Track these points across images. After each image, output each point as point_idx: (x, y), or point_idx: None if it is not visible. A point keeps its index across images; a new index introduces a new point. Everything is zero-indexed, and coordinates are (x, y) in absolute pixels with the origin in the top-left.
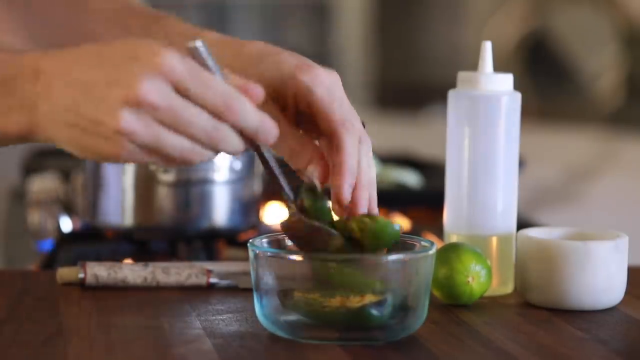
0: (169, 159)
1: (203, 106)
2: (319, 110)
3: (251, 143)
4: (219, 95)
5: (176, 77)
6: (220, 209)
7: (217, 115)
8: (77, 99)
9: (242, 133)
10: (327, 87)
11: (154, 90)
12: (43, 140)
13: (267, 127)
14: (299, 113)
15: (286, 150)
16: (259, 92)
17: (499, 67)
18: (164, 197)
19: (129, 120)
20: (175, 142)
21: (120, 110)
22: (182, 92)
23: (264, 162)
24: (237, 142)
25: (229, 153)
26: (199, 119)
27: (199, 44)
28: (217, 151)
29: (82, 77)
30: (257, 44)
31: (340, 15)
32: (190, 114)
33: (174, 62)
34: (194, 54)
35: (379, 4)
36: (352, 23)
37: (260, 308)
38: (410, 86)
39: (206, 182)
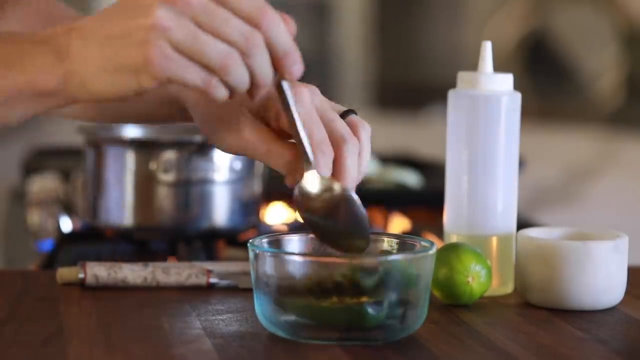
0: (208, 68)
1: (238, 13)
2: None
3: (275, 81)
4: (254, 4)
5: None
6: (220, 209)
7: (251, 23)
8: (110, 16)
9: (271, 53)
10: (308, 107)
11: None
12: (75, 93)
13: (296, 56)
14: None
15: (284, 165)
16: (294, 25)
17: (499, 67)
18: (164, 197)
19: (163, 16)
20: (212, 43)
21: (154, 9)
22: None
23: (286, 107)
24: (268, 62)
25: (257, 79)
26: (235, 21)
27: None
28: (249, 67)
29: (116, 5)
30: None
31: (340, 15)
32: (225, 15)
33: None
34: None
35: (379, 4)
36: (352, 23)
37: (260, 308)
38: (410, 86)
39: (206, 182)
